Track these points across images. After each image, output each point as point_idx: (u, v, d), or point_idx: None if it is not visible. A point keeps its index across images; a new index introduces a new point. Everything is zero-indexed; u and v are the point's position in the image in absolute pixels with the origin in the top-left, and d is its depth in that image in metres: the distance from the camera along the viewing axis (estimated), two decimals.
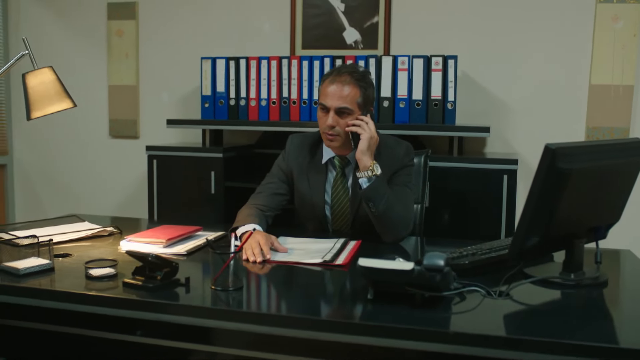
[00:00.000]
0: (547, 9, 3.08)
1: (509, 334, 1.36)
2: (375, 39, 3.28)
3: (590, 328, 1.38)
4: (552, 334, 1.32)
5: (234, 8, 3.47)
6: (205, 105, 3.25)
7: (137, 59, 3.64)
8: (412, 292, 1.47)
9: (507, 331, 1.40)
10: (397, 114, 2.98)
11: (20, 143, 3.92)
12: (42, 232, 2.05)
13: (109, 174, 3.76)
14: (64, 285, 1.63)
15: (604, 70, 3.04)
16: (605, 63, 3.03)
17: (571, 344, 1.28)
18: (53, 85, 1.92)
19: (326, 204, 2.25)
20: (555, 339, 1.29)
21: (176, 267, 1.63)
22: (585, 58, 3.06)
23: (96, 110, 3.75)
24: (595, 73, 3.05)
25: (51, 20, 3.77)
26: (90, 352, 1.83)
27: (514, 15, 3.12)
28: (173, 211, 3.20)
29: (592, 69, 3.05)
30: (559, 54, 3.09)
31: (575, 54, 3.07)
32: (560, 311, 1.53)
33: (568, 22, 3.06)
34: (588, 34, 3.04)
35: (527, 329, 1.37)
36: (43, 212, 3.82)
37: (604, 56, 3.03)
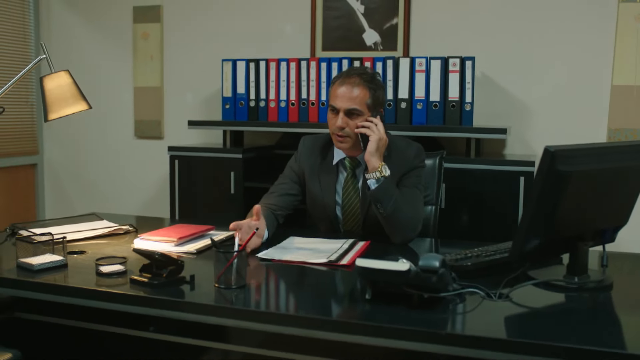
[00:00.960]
0: (568, 8, 3.05)
1: (506, 336, 1.36)
2: (395, 40, 3.29)
3: (592, 332, 1.37)
4: (552, 336, 1.31)
5: (256, 11, 3.52)
6: (226, 106, 3.30)
7: (162, 61, 3.72)
8: (410, 293, 1.48)
9: (504, 333, 1.40)
10: (414, 115, 2.99)
11: (50, 143, 4.04)
12: (60, 230, 2.12)
13: (134, 173, 3.85)
14: (74, 281, 1.69)
15: (626, 70, 2.99)
16: (628, 63, 2.98)
17: (571, 347, 1.26)
18: (69, 88, 1.99)
19: (337, 205, 2.27)
20: (554, 342, 1.28)
21: (181, 265, 1.67)
22: (607, 58, 3.02)
23: (122, 111, 3.84)
24: (618, 73, 3.00)
25: (80, 24, 3.88)
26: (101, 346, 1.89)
27: (534, 16, 3.09)
28: (194, 211, 3.26)
29: (614, 69, 3.00)
30: (580, 54, 3.05)
31: (596, 54, 3.03)
32: (562, 314, 1.53)
33: (589, 22, 3.03)
34: (610, 33, 3.00)
35: (525, 331, 1.38)
36: (71, 209, 3.93)
37: (627, 56, 2.98)
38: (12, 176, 3.85)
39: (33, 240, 1.80)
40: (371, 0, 3.30)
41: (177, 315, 1.58)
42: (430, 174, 2.57)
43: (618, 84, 3.01)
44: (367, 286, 1.54)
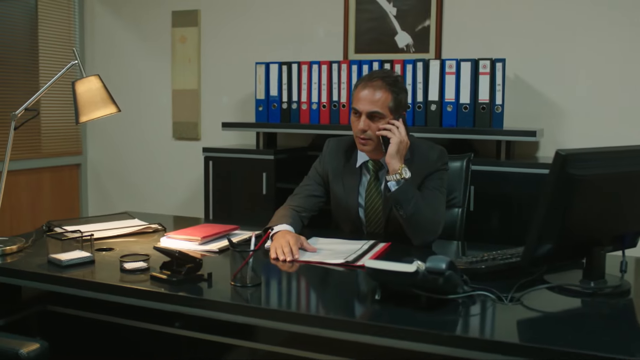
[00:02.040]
0: (604, 8, 2.99)
1: (512, 339, 1.37)
2: (427, 42, 3.29)
3: (604, 338, 1.35)
4: (560, 341, 1.31)
5: (290, 14, 3.57)
6: (259, 108, 3.36)
7: (199, 64, 3.81)
8: (418, 294, 1.50)
9: (511, 336, 1.41)
10: (444, 117, 2.99)
11: (93, 144, 4.18)
12: (91, 228, 2.21)
13: (172, 174, 3.95)
14: (99, 277, 1.77)
15: None
16: None
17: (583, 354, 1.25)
18: (99, 92, 2.07)
19: (360, 207, 2.30)
20: (561, 347, 1.27)
21: (200, 263, 1.73)
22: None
23: (161, 113, 3.95)
24: None
25: (121, 28, 4.01)
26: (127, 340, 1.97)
27: (567, 17, 3.04)
28: (227, 210, 3.33)
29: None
30: (616, 54, 2.99)
31: (634, 54, 2.96)
32: (575, 319, 1.52)
33: (627, 21, 2.96)
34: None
35: (535, 336, 1.37)
36: (112, 208, 4.06)
37: None
38: (57, 175, 4.01)
39: (62, 237, 1.88)
40: (403, 3, 3.31)
41: (194, 312, 1.63)
42: (457, 176, 2.57)
43: None
44: (377, 287, 1.56)
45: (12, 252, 2.00)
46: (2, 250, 1.97)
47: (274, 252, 1.93)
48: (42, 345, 1.64)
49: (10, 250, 1.99)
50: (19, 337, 1.66)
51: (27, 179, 3.78)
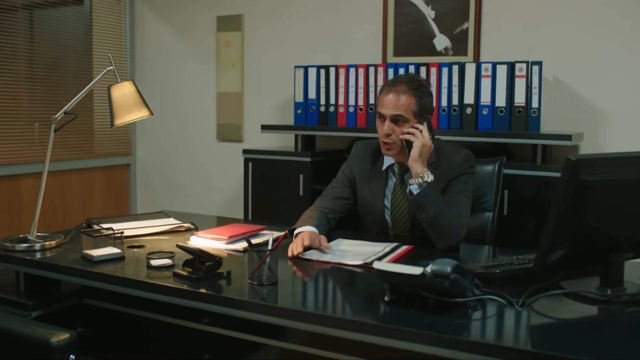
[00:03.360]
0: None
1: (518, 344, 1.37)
2: (465, 45, 3.27)
3: (618, 346, 1.34)
4: (571, 349, 1.30)
5: (330, 18, 3.62)
6: (297, 111, 3.42)
7: (242, 67, 3.90)
8: (426, 296, 1.52)
9: (517, 342, 1.41)
10: (480, 120, 2.97)
11: (142, 145, 4.34)
12: (126, 226, 2.31)
13: (216, 174, 4.06)
14: (126, 272, 1.86)
15: None
16: None
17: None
18: (132, 96, 2.17)
19: (386, 209, 2.32)
20: (571, 355, 1.26)
21: (220, 262, 1.79)
22: None
23: (206, 115, 4.06)
24: None
25: (169, 33, 4.14)
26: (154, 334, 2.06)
27: (609, 18, 2.97)
28: (265, 211, 3.41)
29: None
30: None
31: None
32: (587, 327, 1.51)
33: None
34: None
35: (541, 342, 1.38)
36: (159, 206, 4.21)
37: None
38: (108, 175, 4.18)
39: (94, 234, 1.98)
40: (442, 6, 3.30)
41: (212, 308, 1.69)
42: (488, 180, 2.56)
43: None
44: (387, 288, 1.59)
45: (51, 247, 2.12)
46: (42, 245, 2.09)
47: (290, 250, 1.99)
48: (72, 335, 1.74)
49: (50, 245, 2.12)
50: (51, 327, 1.77)
51: (79, 178, 3.96)
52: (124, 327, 2.12)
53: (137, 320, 2.03)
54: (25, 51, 3.65)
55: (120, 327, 2.12)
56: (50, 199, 3.75)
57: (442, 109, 3.04)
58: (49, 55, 3.78)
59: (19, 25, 3.61)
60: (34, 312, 2.01)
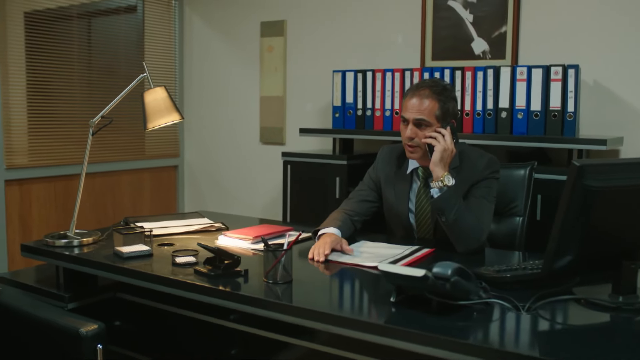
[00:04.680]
0: None
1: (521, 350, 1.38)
2: (503, 48, 3.25)
3: (627, 356, 1.33)
4: (571, 355, 1.30)
5: (370, 23, 3.66)
6: (335, 115, 3.48)
7: (285, 72, 3.99)
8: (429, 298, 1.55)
9: (515, 345, 1.42)
10: (514, 125, 2.95)
11: (189, 147, 4.49)
12: (159, 225, 2.43)
13: (259, 176, 4.16)
14: (152, 269, 1.95)
15: None
16: None
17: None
18: (164, 101, 2.27)
19: (410, 212, 2.35)
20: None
21: (238, 260, 1.87)
22: None
23: (250, 119, 4.17)
24: None
25: (215, 38, 4.28)
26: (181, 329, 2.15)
27: None
28: (303, 213, 3.48)
29: None
30: None
31: None
32: (591, 332, 1.50)
33: None
34: None
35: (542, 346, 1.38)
36: (205, 206, 4.35)
37: None
38: (157, 176, 4.35)
39: (124, 231, 2.10)
40: (480, 9, 3.30)
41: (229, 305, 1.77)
42: (519, 184, 2.55)
43: None
44: (393, 290, 1.62)
45: (88, 243, 2.25)
46: (80, 241, 2.23)
47: (311, 252, 2.04)
48: (100, 326, 1.86)
49: (87, 242, 2.25)
50: (82, 318, 1.89)
51: (129, 179, 4.13)
52: (154, 321, 2.22)
53: (166, 315, 2.12)
54: (82, 57, 3.85)
55: (150, 321, 2.23)
56: (102, 198, 3.94)
57: (477, 113, 3.03)
58: (105, 61, 3.97)
59: (75, 32, 3.80)
60: (70, 304, 2.14)
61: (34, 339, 1.96)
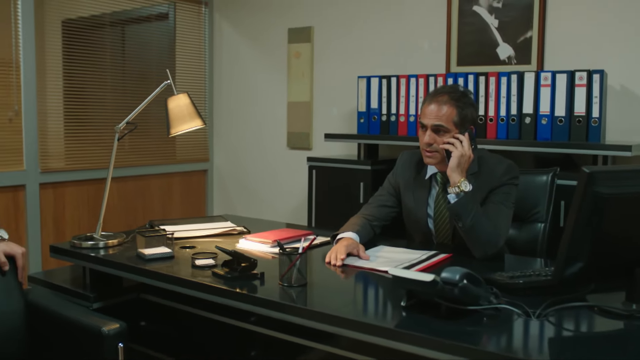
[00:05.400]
0: None
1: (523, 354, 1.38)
2: (529, 54, 3.23)
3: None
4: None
5: (395, 29, 3.67)
6: (360, 120, 3.50)
7: (312, 78, 4.03)
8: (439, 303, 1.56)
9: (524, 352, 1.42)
10: (539, 130, 2.93)
11: (218, 151, 4.57)
12: (182, 227, 2.49)
13: (286, 181, 4.21)
14: (172, 270, 2.01)
15: None
16: None
17: None
18: (187, 107, 2.33)
19: (429, 218, 2.36)
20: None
21: (254, 263, 1.91)
22: None
23: (277, 124, 4.23)
24: None
25: (244, 44, 4.35)
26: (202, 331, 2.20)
27: None
28: (327, 218, 3.51)
29: None
30: None
31: None
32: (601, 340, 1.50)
33: None
34: None
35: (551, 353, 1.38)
36: (234, 210, 4.42)
37: None
38: (187, 180, 4.43)
39: (146, 234, 2.16)
40: (505, 14, 3.28)
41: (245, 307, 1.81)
42: (541, 190, 2.54)
43: None
44: (404, 294, 1.64)
45: (113, 245, 2.32)
46: (105, 243, 2.30)
47: (328, 256, 2.07)
48: (122, 326, 1.92)
49: (112, 244, 2.32)
50: (105, 318, 1.96)
51: (159, 183, 4.22)
52: (175, 322, 2.27)
53: (187, 316, 2.17)
54: (115, 64, 3.95)
55: (172, 322, 2.29)
56: (132, 202, 4.04)
57: (501, 119, 3.02)
58: (137, 67, 4.08)
59: (110, 40, 3.92)
60: (95, 304, 2.21)
61: (59, 336, 2.04)
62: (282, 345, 1.94)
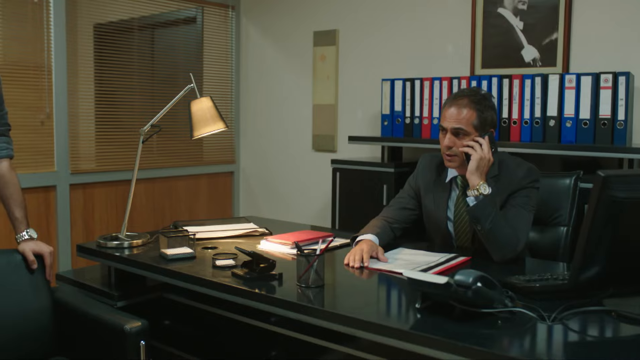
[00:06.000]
0: None
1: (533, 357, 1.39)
2: (554, 56, 3.21)
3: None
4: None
5: (420, 31, 3.67)
6: (384, 123, 3.51)
7: (337, 80, 4.05)
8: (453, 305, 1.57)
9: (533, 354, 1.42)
10: (563, 133, 2.91)
11: (245, 154, 4.62)
12: (205, 228, 2.53)
13: (311, 183, 4.24)
14: (192, 270, 2.05)
15: None
16: None
17: None
18: (209, 110, 2.37)
19: (449, 221, 2.36)
20: None
21: (273, 264, 1.94)
22: None
23: (303, 126, 4.26)
24: None
25: (270, 47, 4.39)
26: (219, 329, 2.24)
27: None
28: (351, 220, 3.52)
29: None
30: None
31: None
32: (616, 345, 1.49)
33: None
34: None
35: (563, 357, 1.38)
36: (260, 212, 4.46)
37: None
38: (214, 182, 4.49)
39: (168, 235, 2.20)
40: (530, 16, 3.26)
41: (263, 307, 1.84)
42: (564, 193, 2.52)
43: None
44: (419, 296, 1.65)
45: (137, 245, 2.37)
46: (129, 243, 2.35)
47: (347, 258, 2.09)
48: (144, 324, 1.97)
49: (136, 244, 2.37)
50: (127, 316, 2.01)
51: (186, 184, 4.29)
52: (197, 321, 2.32)
53: (208, 315, 2.21)
54: (145, 67, 4.03)
55: (193, 321, 2.33)
56: (160, 202, 4.11)
57: (525, 122, 3.00)
58: (166, 70, 4.15)
59: (139, 44, 4.00)
60: (119, 302, 2.26)
61: (84, 333, 2.09)
62: (302, 346, 1.96)
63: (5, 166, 2.15)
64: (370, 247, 2.13)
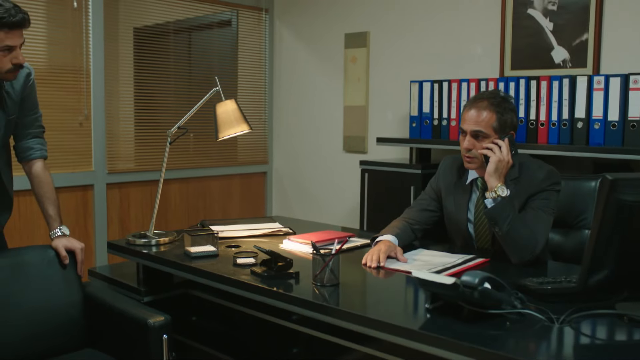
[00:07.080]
0: None
1: None
2: (584, 57, 3.17)
3: None
4: None
5: (449, 33, 3.68)
6: (412, 124, 3.53)
7: (367, 82, 4.09)
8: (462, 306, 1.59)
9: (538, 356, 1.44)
10: (591, 135, 2.88)
11: (277, 154, 4.69)
12: (230, 228, 2.60)
13: (342, 183, 4.28)
14: (214, 268, 2.12)
15: None
16: None
17: None
18: (234, 113, 2.44)
19: (469, 222, 2.37)
20: None
21: (290, 263, 1.99)
22: None
23: (334, 127, 4.30)
24: None
25: (303, 49, 4.45)
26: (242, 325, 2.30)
27: None
28: (379, 221, 3.54)
29: None
30: None
31: None
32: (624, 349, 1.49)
33: None
34: None
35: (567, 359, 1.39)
36: (292, 212, 4.53)
37: None
38: (247, 182, 4.57)
39: (192, 233, 2.28)
40: (561, 17, 3.23)
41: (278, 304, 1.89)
42: (589, 196, 2.50)
43: None
44: (429, 296, 1.68)
45: (164, 243, 2.46)
46: (157, 241, 2.44)
47: (365, 258, 2.13)
48: (166, 318, 2.05)
49: (164, 242, 2.45)
50: (152, 310, 2.09)
51: (219, 184, 4.38)
52: (220, 317, 2.39)
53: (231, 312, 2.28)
54: (182, 70, 4.14)
55: (216, 318, 2.40)
56: (194, 202, 4.21)
57: (552, 123, 2.98)
58: (202, 72, 4.25)
59: (177, 46, 4.10)
60: (146, 298, 2.35)
61: (111, 326, 2.18)
62: (323, 345, 2.00)
63: (40, 166, 2.26)
64: (388, 247, 2.16)
